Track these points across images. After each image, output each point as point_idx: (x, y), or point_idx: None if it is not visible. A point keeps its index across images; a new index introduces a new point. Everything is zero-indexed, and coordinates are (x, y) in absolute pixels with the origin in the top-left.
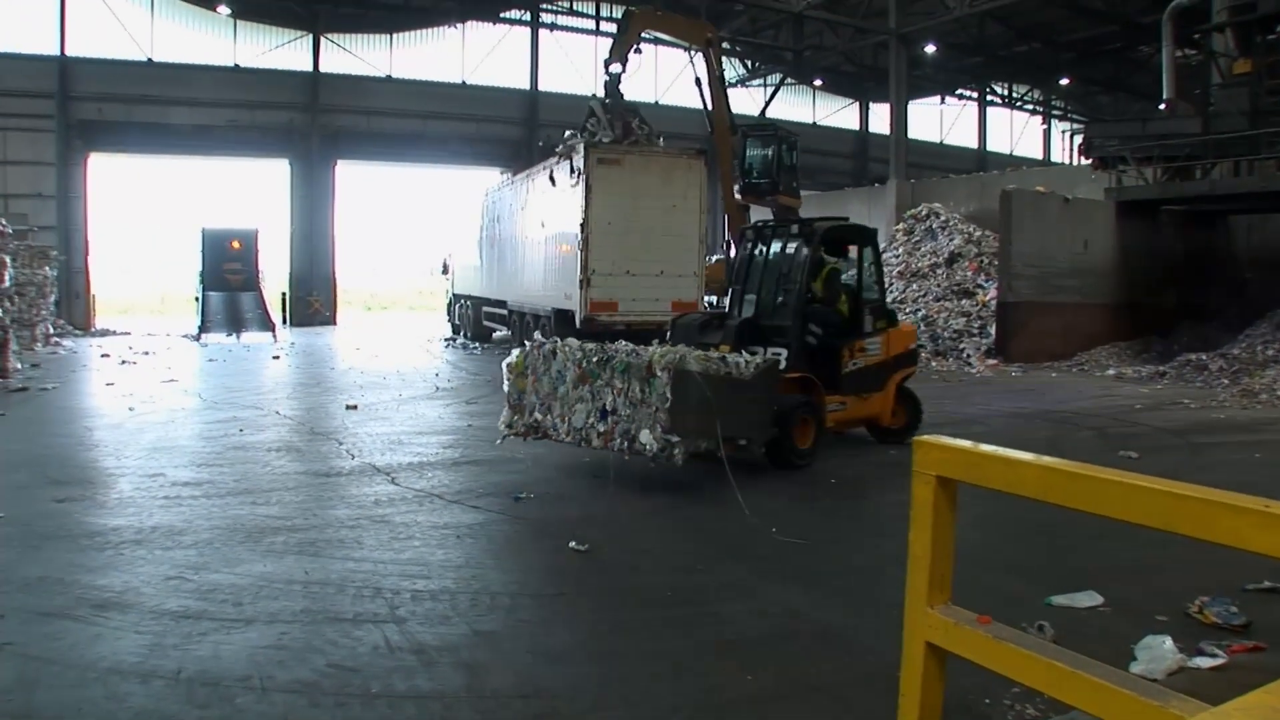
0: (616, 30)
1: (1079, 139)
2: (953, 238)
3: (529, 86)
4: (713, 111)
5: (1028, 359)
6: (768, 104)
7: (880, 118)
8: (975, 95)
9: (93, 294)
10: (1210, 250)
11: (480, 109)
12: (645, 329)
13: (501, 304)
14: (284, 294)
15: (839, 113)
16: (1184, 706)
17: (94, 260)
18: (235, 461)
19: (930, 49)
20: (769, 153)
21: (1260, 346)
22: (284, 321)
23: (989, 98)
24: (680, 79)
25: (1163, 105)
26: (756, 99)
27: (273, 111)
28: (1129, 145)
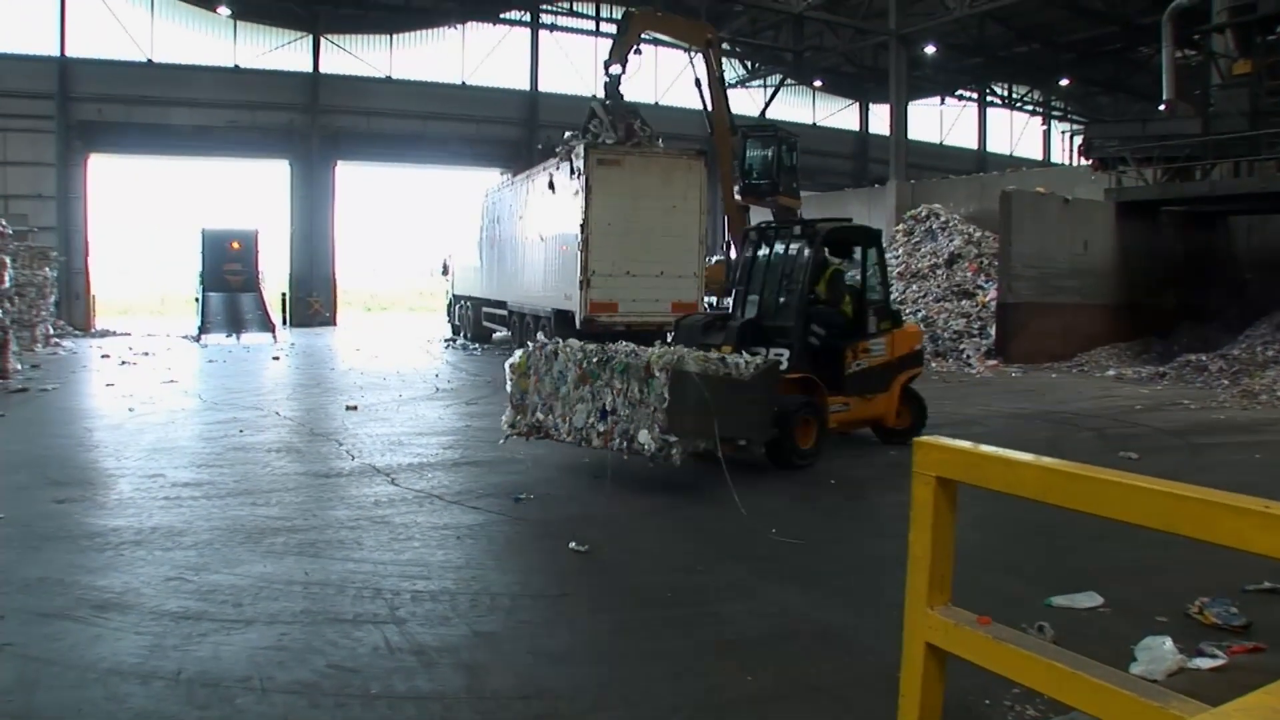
0: (616, 31)
1: (1079, 140)
2: (952, 238)
3: (529, 87)
4: (712, 112)
5: (1028, 360)
6: (767, 105)
7: (880, 118)
8: (975, 96)
9: (93, 295)
10: (1210, 251)
11: (480, 110)
12: (645, 330)
13: (501, 305)
14: (284, 295)
15: (839, 113)
16: (1184, 707)
17: (94, 261)
18: (235, 462)
19: (930, 50)
20: (769, 153)
21: (1260, 347)
22: (284, 322)
23: (989, 98)
24: (680, 80)
25: (1163, 106)
26: (756, 100)
27: (273, 112)
28: (1129, 146)
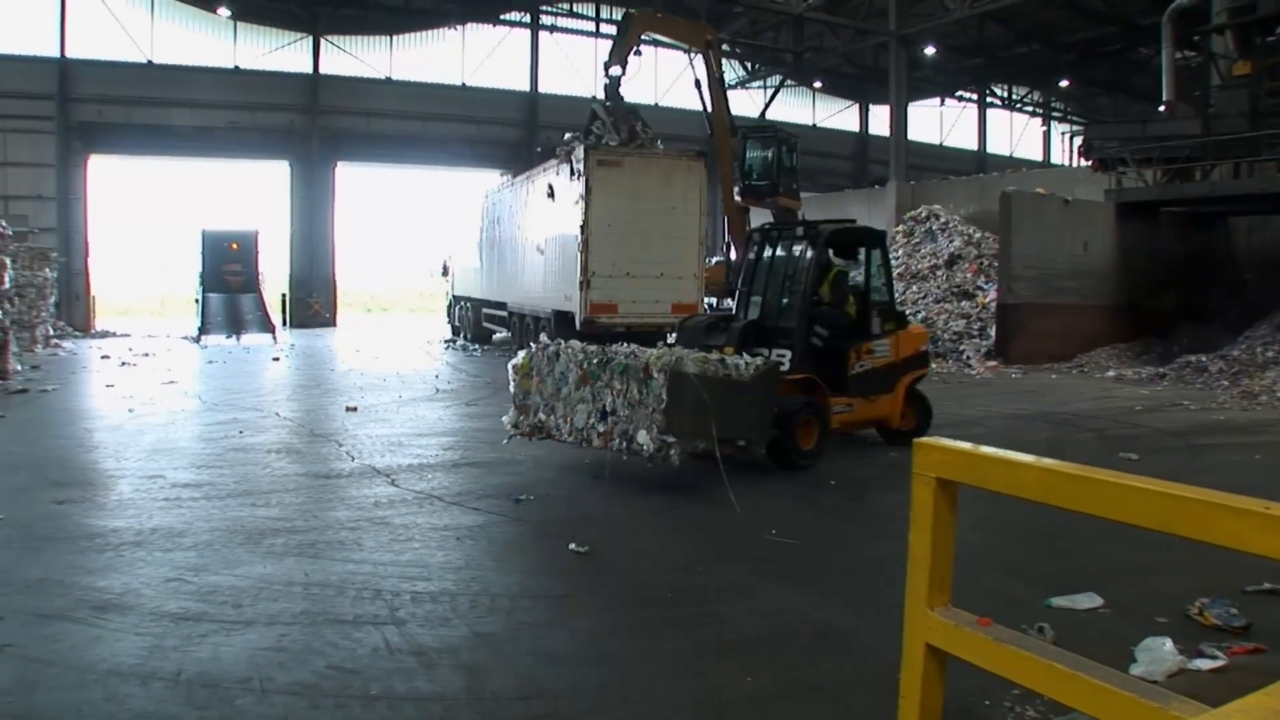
0: (616, 32)
1: (1079, 141)
2: (952, 239)
3: (529, 88)
4: (712, 113)
5: (1028, 361)
6: (767, 106)
7: (880, 119)
8: (975, 97)
9: (93, 296)
10: (1210, 252)
11: (480, 111)
12: (645, 331)
13: (501, 306)
14: (284, 295)
15: (839, 114)
16: (1184, 708)
17: (94, 262)
18: (235, 463)
19: (930, 51)
20: (769, 155)
21: (1260, 348)
22: (284, 323)
23: (989, 99)
24: (680, 81)
25: (1162, 107)
26: (756, 101)
27: (273, 113)
28: (1129, 147)
